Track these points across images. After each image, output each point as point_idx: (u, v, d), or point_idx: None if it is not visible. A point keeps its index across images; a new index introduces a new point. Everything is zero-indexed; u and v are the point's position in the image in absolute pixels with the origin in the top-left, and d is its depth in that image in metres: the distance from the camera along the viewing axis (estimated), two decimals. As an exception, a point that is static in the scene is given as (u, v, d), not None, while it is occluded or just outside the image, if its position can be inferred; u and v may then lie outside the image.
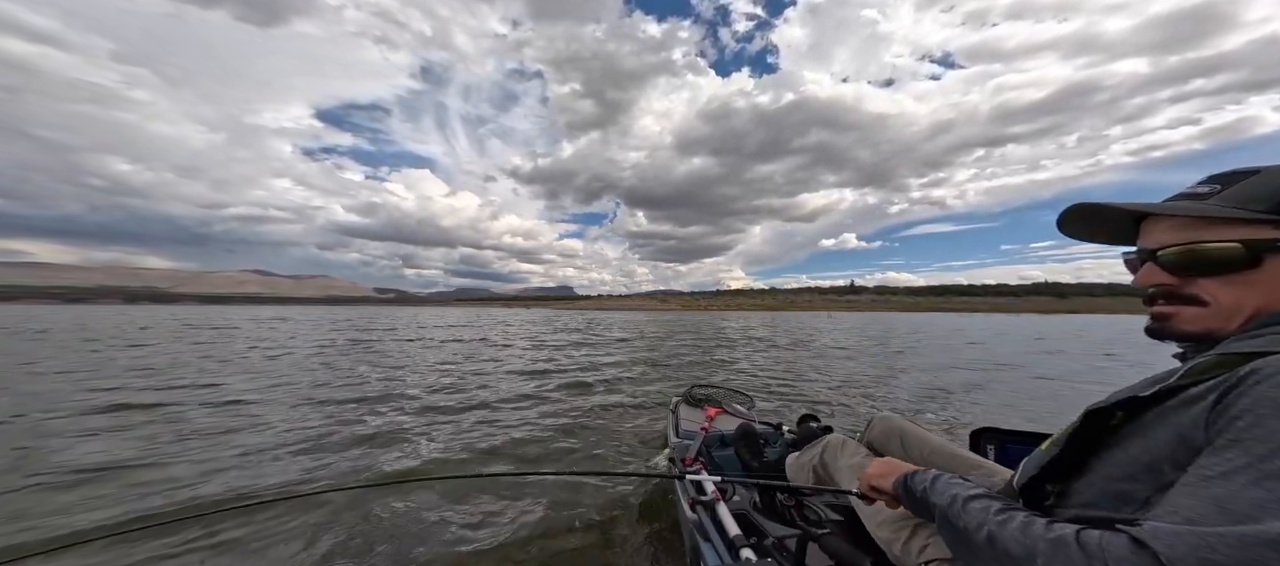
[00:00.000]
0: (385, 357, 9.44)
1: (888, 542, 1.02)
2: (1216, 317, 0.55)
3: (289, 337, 14.34)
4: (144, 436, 3.80)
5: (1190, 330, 0.57)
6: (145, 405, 4.82)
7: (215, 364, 8.15)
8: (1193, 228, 0.56)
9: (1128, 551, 0.42)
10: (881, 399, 5.98)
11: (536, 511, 2.50)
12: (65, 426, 4.05)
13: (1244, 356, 0.47)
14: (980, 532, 0.58)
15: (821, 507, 1.48)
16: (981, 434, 1.32)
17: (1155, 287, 0.60)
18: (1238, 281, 0.53)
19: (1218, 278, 0.54)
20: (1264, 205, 0.51)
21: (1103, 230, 0.70)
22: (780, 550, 1.20)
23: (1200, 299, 0.56)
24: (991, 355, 11.51)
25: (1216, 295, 0.54)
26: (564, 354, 10.94)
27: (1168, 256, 0.58)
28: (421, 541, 2.21)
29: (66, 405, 4.78)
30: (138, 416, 4.41)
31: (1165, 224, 0.59)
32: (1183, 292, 0.57)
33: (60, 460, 3.21)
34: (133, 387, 5.84)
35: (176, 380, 6.41)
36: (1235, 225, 0.53)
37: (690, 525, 1.45)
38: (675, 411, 2.81)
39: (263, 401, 5.14)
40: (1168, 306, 0.59)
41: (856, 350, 12.72)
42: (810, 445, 1.47)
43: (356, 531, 2.26)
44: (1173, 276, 0.58)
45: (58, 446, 3.53)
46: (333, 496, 2.50)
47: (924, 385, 6.95)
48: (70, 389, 5.67)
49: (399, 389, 6.00)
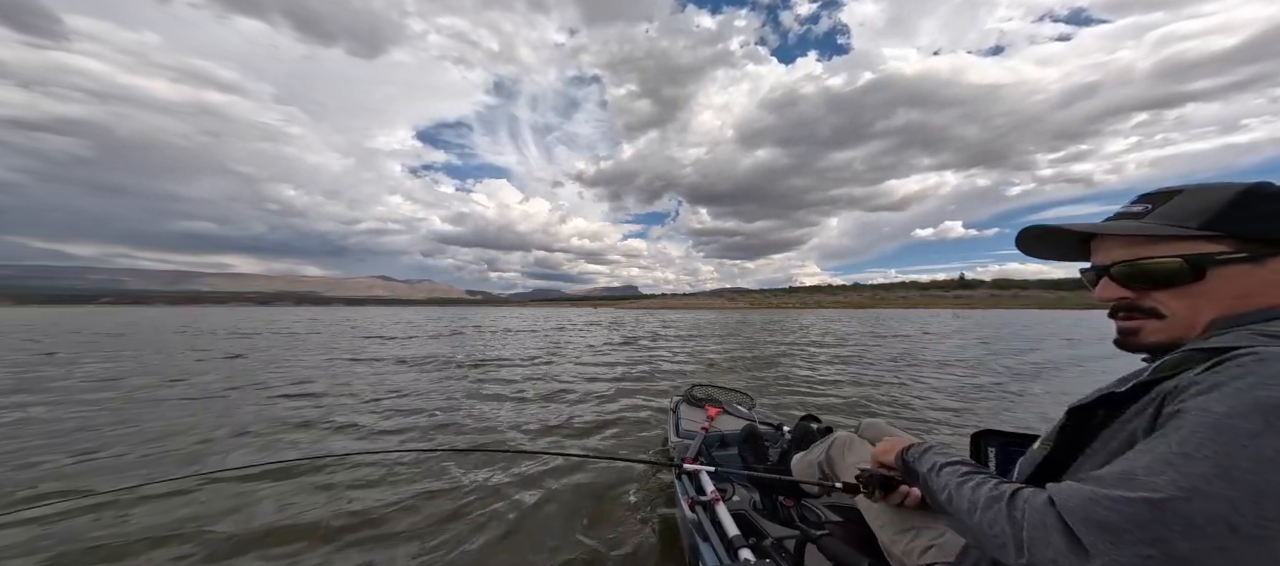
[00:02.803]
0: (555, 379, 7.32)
1: (891, 543, 1.03)
2: (1177, 328, 0.59)
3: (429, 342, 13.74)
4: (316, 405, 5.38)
5: (1155, 341, 0.61)
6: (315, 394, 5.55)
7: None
8: (1136, 245, 0.61)
9: (1041, 503, 0.51)
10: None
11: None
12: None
13: (1204, 353, 0.51)
14: (943, 493, 0.69)
15: (821, 509, 1.48)
16: (982, 436, 1.24)
17: (1115, 301, 0.64)
18: (1188, 293, 0.57)
19: (1168, 290, 0.58)
20: (1195, 221, 0.56)
21: (1058, 249, 0.75)
22: (779, 550, 1.21)
23: (1158, 311, 0.60)
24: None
25: (1171, 306, 0.59)
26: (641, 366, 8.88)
27: (1119, 271, 0.62)
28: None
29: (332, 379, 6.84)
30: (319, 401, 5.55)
31: (1113, 242, 0.64)
32: (1141, 305, 0.61)
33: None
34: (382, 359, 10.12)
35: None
36: (1173, 241, 0.57)
37: (689, 525, 1.45)
38: (675, 411, 2.78)
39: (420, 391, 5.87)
40: (1131, 321, 0.63)
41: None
42: (817, 443, 1.49)
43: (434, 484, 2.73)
44: (1128, 290, 0.62)
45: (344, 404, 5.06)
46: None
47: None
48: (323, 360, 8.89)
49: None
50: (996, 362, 9.13)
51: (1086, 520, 0.45)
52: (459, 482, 2.77)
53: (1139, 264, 0.60)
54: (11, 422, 4.24)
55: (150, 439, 3.82)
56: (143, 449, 3.57)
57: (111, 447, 3.60)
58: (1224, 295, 0.55)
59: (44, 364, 8.17)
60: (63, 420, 4.35)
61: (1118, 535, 0.42)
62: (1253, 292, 0.54)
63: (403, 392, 5.80)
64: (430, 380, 6.76)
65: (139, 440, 3.78)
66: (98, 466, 3.21)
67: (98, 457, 3.37)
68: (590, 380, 6.97)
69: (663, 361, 9.48)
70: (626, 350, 11.70)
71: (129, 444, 3.68)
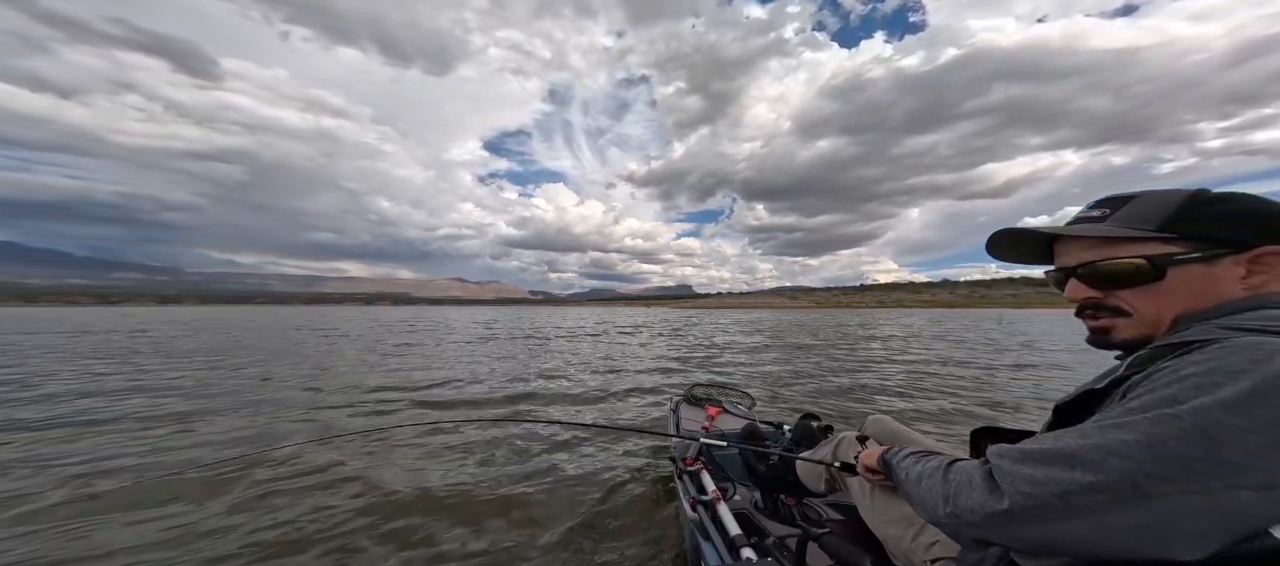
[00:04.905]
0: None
1: (895, 540, 1.03)
2: (1144, 325, 0.62)
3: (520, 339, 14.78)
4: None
5: (1125, 338, 0.65)
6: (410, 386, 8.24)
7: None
8: (1099, 247, 0.65)
9: (974, 465, 0.59)
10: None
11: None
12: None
13: (1170, 348, 0.55)
14: (902, 473, 0.78)
15: (822, 507, 1.50)
16: (981, 434, 1.22)
17: (1083, 300, 0.68)
18: (1151, 292, 0.61)
19: (1132, 289, 0.62)
20: (1152, 224, 0.60)
21: (1026, 253, 0.78)
22: (781, 549, 1.20)
23: (1123, 309, 0.64)
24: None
25: (1135, 304, 0.62)
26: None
27: (1084, 272, 0.66)
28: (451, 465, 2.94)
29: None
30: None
31: (1077, 244, 0.68)
32: (1108, 304, 0.65)
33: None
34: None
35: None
36: (1133, 243, 0.61)
37: (690, 524, 1.45)
38: (676, 411, 2.78)
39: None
40: (1099, 320, 0.67)
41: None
42: (824, 442, 1.47)
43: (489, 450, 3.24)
44: (1095, 289, 0.66)
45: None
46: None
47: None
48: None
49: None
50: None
51: (1011, 469, 0.53)
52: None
53: (1103, 265, 0.64)
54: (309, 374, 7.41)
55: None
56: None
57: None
58: (1184, 293, 0.59)
59: (319, 341, 12.82)
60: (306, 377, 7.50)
61: (1032, 479, 0.50)
62: (1209, 290, 0.58)
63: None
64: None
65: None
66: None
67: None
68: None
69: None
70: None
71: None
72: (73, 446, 3.55)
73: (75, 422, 4.19)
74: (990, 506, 0.54)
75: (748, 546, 1.19)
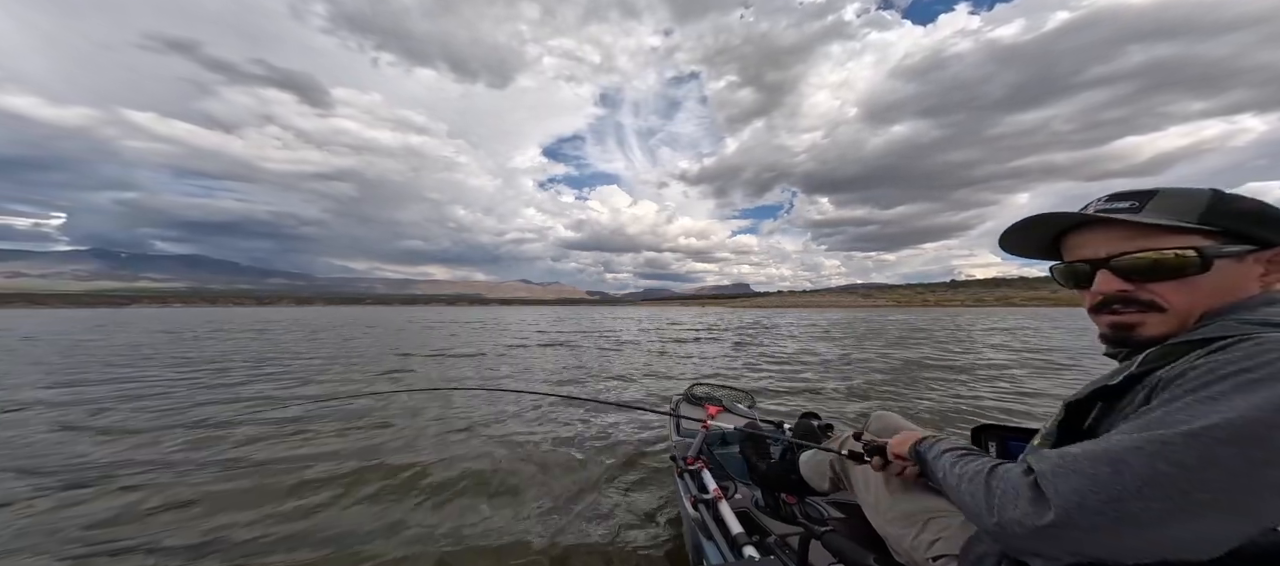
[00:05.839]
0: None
1: (898, 537, 1.03)
2: (1175, 321, 0.61)
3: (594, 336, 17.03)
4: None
5: (1154, 334, 0.62)
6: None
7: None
8: (1133, 238, 0.62)
9: (1018, 471, 0.56)
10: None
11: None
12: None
13: (1189, 345, 0.55)
14: (942, 472, 0.76)
15: (824, 505, 1.49)
16: (982, 431, 1.25)
17: (1114, 294, 0.64)
18: (1189, 285, 0.59)
19: (1170, 282, 0.60)
20: (1192, 216, 0.58)
21: (1038, 245, 0.75)
22: (783, 548, 1.20)
23: (1156, 304, 0.61)
24: None
25: (1171, 299, 0.60)
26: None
27: (1123, 263, 0.62)
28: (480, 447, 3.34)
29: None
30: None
31: (1101, 236, 0.65)
32: (1139, 298, 0.62)
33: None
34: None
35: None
36: (1174, 234, 0.59)
37: (692, 523, 1.45)
38: (676, 410, 2.77)
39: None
40: (1126, 315, 0.64)
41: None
42: (826, 442, 1.46)
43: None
44: (1128, 283, 0.63)
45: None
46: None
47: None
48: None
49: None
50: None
51: (1054, 477, 0.50)
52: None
53: (1144, 255, 0.60)
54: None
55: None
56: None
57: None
58: (1217, 288, 0.58)
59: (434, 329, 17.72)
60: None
61: (1080, 490, 0.46)
62: (1236, 287, 0.58)
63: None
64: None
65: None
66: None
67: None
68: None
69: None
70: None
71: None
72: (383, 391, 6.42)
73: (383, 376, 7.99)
74: (1036, 520, 0.51)
75: (750, 544, 1.21)
